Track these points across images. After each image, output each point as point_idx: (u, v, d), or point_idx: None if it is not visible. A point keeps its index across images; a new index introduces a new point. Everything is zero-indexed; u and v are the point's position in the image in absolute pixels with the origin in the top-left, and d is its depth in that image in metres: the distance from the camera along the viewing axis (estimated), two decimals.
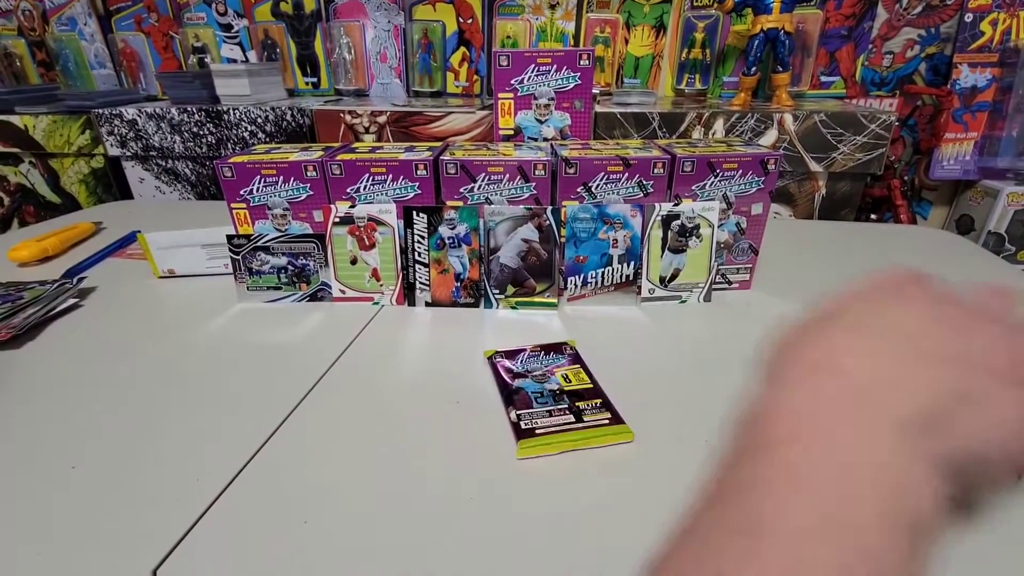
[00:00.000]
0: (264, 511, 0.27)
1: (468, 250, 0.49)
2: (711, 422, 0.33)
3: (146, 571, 0.23)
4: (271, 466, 0.30)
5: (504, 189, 0.49)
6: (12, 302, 0.49)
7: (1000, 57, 0.98)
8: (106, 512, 0.26)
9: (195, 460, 0.30)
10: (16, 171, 1.12)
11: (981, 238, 1.02)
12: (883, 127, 0.82)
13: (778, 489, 0.15)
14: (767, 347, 0.20)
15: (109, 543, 0.25)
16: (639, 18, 1.08)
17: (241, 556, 0.24)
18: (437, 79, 1.16)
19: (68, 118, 1.04)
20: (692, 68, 1.10)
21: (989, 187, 1.02)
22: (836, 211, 0.90)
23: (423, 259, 0.50)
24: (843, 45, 1.04)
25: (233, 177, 0.49)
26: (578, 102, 0.63)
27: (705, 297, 0.50)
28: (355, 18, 1.15)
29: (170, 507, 0.27)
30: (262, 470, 0.29)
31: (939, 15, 1.00)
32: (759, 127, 0.85)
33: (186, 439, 0.32)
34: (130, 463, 0.30)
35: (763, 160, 0.47)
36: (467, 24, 1.12)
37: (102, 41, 1.27)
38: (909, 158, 1.09)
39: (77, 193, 1.12)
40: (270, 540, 0.25)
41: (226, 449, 0.31)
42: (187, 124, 0.99)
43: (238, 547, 0.25)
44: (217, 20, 1.21)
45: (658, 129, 0.87)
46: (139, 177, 1.07)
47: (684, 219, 0.48)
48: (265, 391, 0.36)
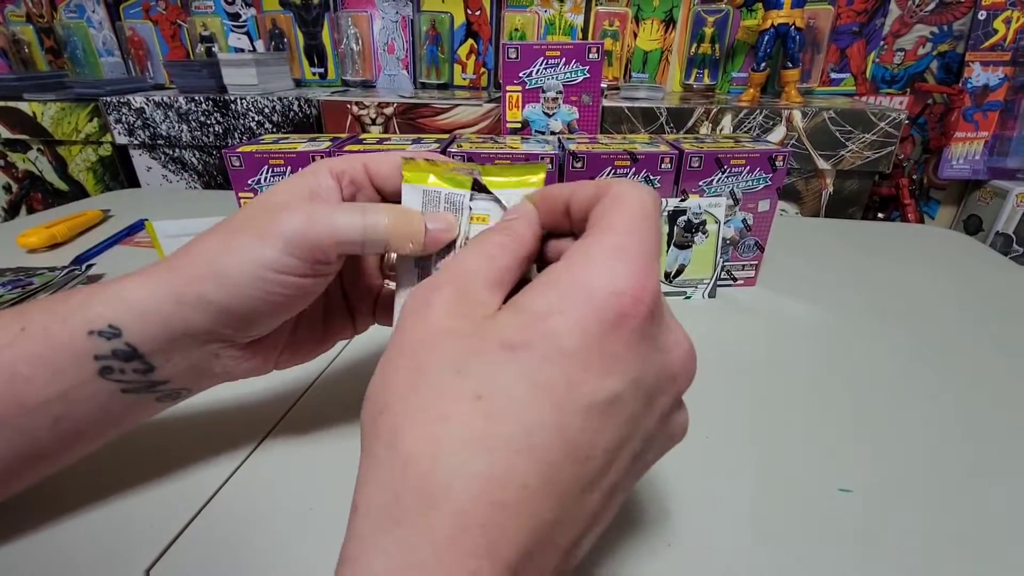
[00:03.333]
0: (260, 510, 0.27)
1: None
2: (712, 418, 0.33)
3: (139, 571, 0.23)
4: (268, 464, 0.30)
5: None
6: (23, 287, 0.49)
7: (1013, 56, 0.97)
8: (99, 511, 0.26)
9: (191, 457, 0.30)
10: (24, 158, 1.13)
11: (989, 238, 1.01)
12: (893, 125, 0.81)
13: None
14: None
15: (102, 543, 0.25)
16: (648, 12, 1.07)
17: (235, 556, 0.24)
18: (444, 71, 1.16)
19: (76, 105, 1.04)
20: (701, 63, 1.09)
21: (998, 187, 1.01)
22: (843, 209, 0.90)
23: None
24: (854, 42, 1.03)
25: (241, 167, 0.49)
26: (586, 96, 0.63)
27: (710, 293, 0.50)
28: (363, 8, 1.15)
29: (164, 506, 0.27)
30: (259, 468, 0.30)
31: (952, 12, 0.99)
32: (767, 123, 0.84)
33: (182, 434, 0.32)
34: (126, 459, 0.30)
35: (771, 157, 0.47)
36: (475, 16, 1.12)
37: (110, 29, 1.27)
38: (918, 157, 1.08)
39: (85, 181, 1.13)
40: (265, 540, 0.25)
41: (222, 446, 0.31)
42: (194, 113, 0.99)
43: (232, 547, 0.25)
44: (225, 9, 1.20)
45: (666, 124, 0.86)
46: (147, 165, 1.07)
47: (690, 215, 0.48)
48: (264, 386, 0.36)
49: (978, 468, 0.29)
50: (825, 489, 0.28)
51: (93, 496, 0.27)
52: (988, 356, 0.40)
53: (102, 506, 0.27)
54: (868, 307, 0.47)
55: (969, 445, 0.31)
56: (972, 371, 0.38)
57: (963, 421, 0.33)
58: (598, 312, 0.14)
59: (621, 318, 0.15)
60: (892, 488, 0.28)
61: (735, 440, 0.31)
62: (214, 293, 0.20)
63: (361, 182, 0.24)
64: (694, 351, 0.17)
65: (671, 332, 0.17)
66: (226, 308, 0.21)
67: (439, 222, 0.22)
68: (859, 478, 0.28)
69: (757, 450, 0.31)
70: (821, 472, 0.29)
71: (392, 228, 0.21)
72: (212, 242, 0.21)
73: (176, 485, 0.28)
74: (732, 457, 0.30)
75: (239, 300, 0.21)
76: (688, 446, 0.31)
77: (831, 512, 0.26)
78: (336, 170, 0.23)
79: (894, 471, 0.29)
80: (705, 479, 0.28)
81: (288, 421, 0.33)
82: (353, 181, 0.24)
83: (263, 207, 0.22)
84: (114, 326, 0.20)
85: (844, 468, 0.29)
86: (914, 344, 0.41)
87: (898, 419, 0.33)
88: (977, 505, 0.27)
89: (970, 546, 0.25)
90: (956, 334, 0.43)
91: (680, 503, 0.27)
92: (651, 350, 0.15)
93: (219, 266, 0.20)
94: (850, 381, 0.37)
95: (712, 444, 0.31)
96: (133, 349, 0.21)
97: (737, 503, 0.27)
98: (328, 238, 0.21)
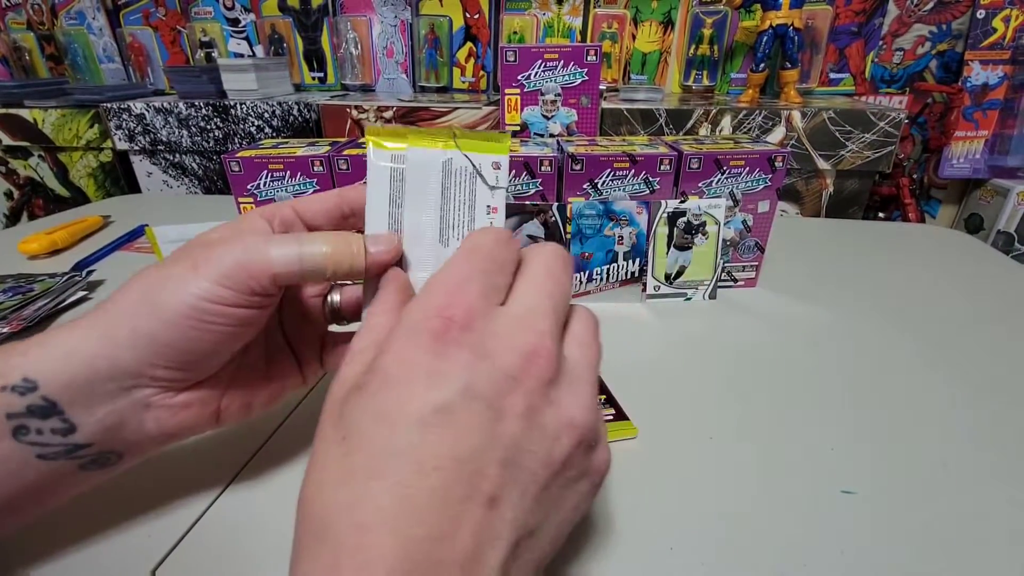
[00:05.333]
0: (264, 509, 0.27)
1: None
2: (713, 419, 0.33)
3: (145, 571, 0.23)
4: (273, 463, 0.30)
5: (510, 185, 0.49)
6: (23, 294, 0.49)
7: (1012, 54, 0.97)
8: (106, 512, 0.26)
9: (196, 457, 0.30)
10: (26, 164, 1.13)
11: (990, 237, 1.01)
12: (892, 125, 0.81)
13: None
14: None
15: (109, 543, 0.25)
16: (647, 14, 1.08)
17: (240, 555, 0.24)
18: (443, 74, 1.16)
19: (77, 112, 1.04)
20: (700, 64, 1.09)
21: (999, 186, 1.01)
22: (844, 209, 0.90)
23: None
24: (853, 42, 1.03)
25: (240, 172, 0.50)
26: (585, 98, 0.63)
27: (710, 295, 0.50)
28: (362, 13, 1.15)
29: (170, 506, 0.27)
30: (264, 467, 0.30)
31: (951, 11, 0.99)
32: (767, 124, 0.84)
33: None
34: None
35: (770, 157, 0.47)
36: (474, 19, 1.12)
37: (110, 35, 1.27)
38: (918, 156, 1.08)
39: (86, 187, 1.13)
40: (270, 539, 0.25)
41: (228, 445, 0.31)
42: (194, 119, 0.99)
43: (237, 546, 0.25)
44: (224, 15, 1.21)
45: (665, 126, 0.87)
46: (147, 171, 1.07)
47: (690, 216, 0.48)
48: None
49: (982, 468, 0.29)
50: (828, 491, 0.28)
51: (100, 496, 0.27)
52: (991, 355, 0.40)
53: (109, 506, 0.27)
54: (870, 307, 0.47)
55: (973, 445, 0.31)
56: (974, 370, 0.38)
57: (966, 421, 0.33)
58: (414, 337, 0.17)
59: (436, 337, 0.17)
60: (895, 490, 0.28)
61: (737, 441, 0.31)
62: (147, 325, 0.20)
63: (291, 223, 0.24)
64: (540, 350, 0.17)
65: (500, 338, 0.17)
66: (160, 341, 0.20)
67: (380, 243, 0.22)
68: (862, 480, 0.28)
69: (760, 452, 0.30)
70: (824, 474, 0.29)
71: (331, 255, 0.21)
72: (147, 279, 0.21)
73: (183, 482, 0.28)
74: (735, 459, 0.30)
75: (173, 332, 0.20)
76: (692, 448, 0.31)
77: (834, 514, 0.26)
78: (267, 215, 0.24)
79: (897, 472, 0.29)
80: (708, 481, 0.28)
81: (297, 414, 0.33)
82: (283, 222, 0.24)
83: (199, 243, 0.22)
84: (29, 379, 0.19)
85: (847, 470, 0.29)
86: (916, 344, 0.41)
87: (901, 420, 0.33)
88: (982, 506, 0.27)
89: (973, 547, 0.25)
90: (959, 334, 0.43)
91: (682, 506, 0.27)
92: (476, 358, 0.16)
93: (153, 299, 0.20)
94: (852, 382, 0.37)
95: (715, 446, 0.31)
96: (51, 403, 0.19)
97: (740, 505, 0.27)
98: (262, 268, 0.21)
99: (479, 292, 0.18)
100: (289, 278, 0.21)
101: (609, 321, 0.47)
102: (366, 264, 0.22)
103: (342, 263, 0.21)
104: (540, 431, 0.17)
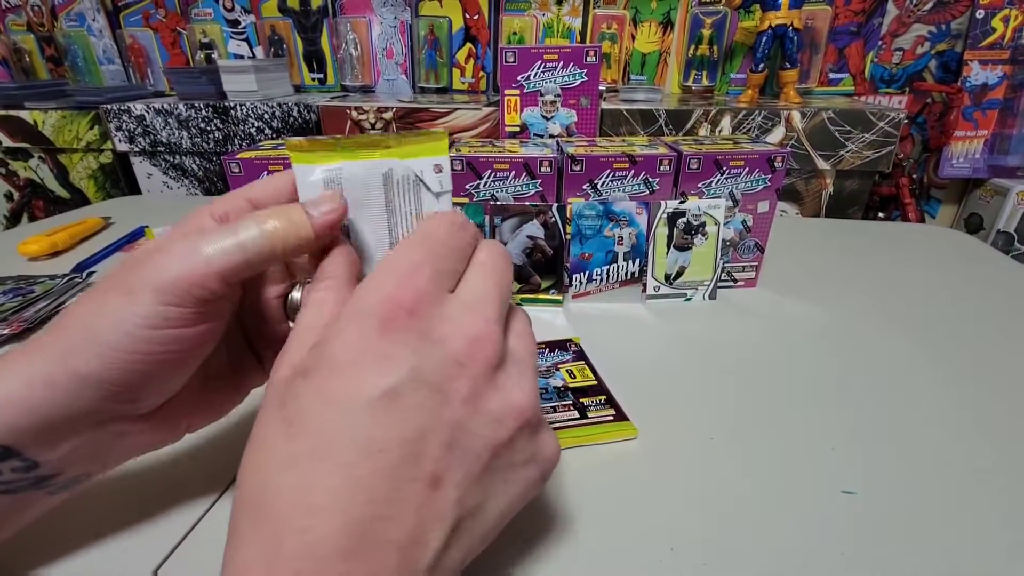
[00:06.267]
0: None
1: None
2: (713, 419, 0.33)
3: (147, 571, 0.23)
4: None
5: (510, 186, 0.49)
6: (23, 296, 0.49)
7: (1011, 54, 0.97)
8: (107, 512, 0.26)
9: (197, 457, 0.30)
10: (26, 166, 1.13)
11: (990, 237, 1.01)
12: (892, 124, 0.81)
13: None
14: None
15: (110, 543, 0.25)
16: (646, 14, 1.08)
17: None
18: (443, 75, 1.16)
19: (77, 113, 1.04)
20: (699, 65, 1.09)
21: (999, 185, 1.01)
22: (843, 209, 0.90)
23: None
24: (852, 42, 1.04)
25: (240, 173, 0.50)
26: (584, 99, 0.63)
27: (710, 295, 0.50)
28: (361, 14, 1.15)
29: (171, 506, 0.27)
30: None
31: (950, 11, 0.99)
32: (766, 124, 0.84)
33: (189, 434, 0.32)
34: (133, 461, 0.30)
35: (770, 158, 0.47)
36: (473, 20, 1.12)
37: (110, 37, 1.27)
38: (918, 156, 1.08)
39: (86, 188, 1.13)
40: None
41: (228, 445, 0.31)
42: (194, 120, 0.99)
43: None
44: (224, 16, 1.21)
45: (664, 126, 0.87)
46: (147, 172, 1.08)
47: (690, 216, 0.48)
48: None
49: (983, 468, 0.29)
50: (828, 491, 0.28)
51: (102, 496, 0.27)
52: (991, 355, 0.40)
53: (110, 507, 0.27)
54: (870, 307, 0.47)
55: (973, 445, 0.31)
56: (975, 370, 0.38)
57: (967, 420, 0.33)
58: (363, 322, 0.17)
59: (385, 322, 0.17)
60: (895, 490, 0.28)
61: (738, 442, 0.31)
62: (88, 366, 0.18)
63: (245, 213, 0.22)
64: (487, 335, 0.18)
65: (448, 322, 0.17)
66: (107, 381, 0.18)
67: (321, 204, 0.20)
68: (862, 480, 0.28)
69: (760, 452, 0.30)
70: (824, 474, 0.29)
71: (272, 232, 0.19)
72: (88, 306, 0.19)
73: (184, 483, 0.28)
74: (735, 459, 0.30)
75: (119, 369, 0.18)
76: (692, 449, 0.31)
77: (834, 514, 0.26)
78: (217, 213, 0.22)
79: (897, 472, 0.29)
80: (708, 481, 0.28)
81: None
82: (238, 215, 0.22)
83: (133, 259, 0.19)
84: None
85: (847, 470, 0.29)
86: (917, 344, 0.41)
87: (901, 419, 0.33)
88: (982, 506, 0.27)
89: (974, 547, 0.25)
90: (959, 333, 0.43)
91: (683, 506, 0.27)
92: (424, 343, 0.17)
93: (93, 332, 0.18)
94: (852, 382, 0.37)
95: (715, 446, 0.31)
96: (6, 449, 0.18)
97: (740, 506, 0.27)
98: (203, 272, 0.18)
99: (429, 277, 0.18)
100: (238, 271, 0.19)
101: (609, 321, 0.47)
102: (314, 231, 0.20)
103: (288, 238, 0.20)
104: (485, 414, 0.17)
